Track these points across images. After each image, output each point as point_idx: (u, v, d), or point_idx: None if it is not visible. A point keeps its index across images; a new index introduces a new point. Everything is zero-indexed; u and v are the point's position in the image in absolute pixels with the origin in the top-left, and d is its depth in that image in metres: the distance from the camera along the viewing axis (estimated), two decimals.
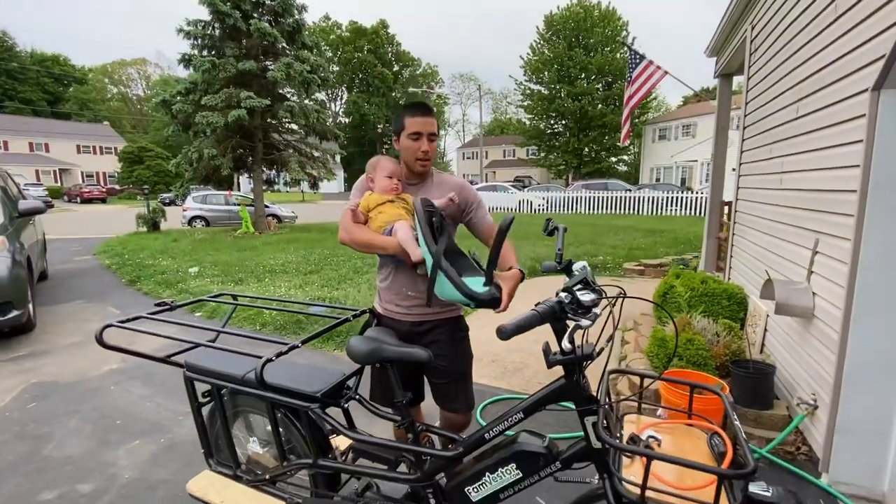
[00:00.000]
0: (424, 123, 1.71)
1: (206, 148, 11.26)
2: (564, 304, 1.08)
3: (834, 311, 2.22)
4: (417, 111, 1.72)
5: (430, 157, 1.75)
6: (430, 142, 1.72)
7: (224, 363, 1.69)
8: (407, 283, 1.75)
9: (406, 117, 1.72)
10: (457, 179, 1.89)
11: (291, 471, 1.66)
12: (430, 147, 1.73)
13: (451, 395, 1.83)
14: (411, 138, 1.71)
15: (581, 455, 1.25)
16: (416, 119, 1.70)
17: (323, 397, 1.53)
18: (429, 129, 1.71)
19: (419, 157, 1.73)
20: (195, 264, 7.72)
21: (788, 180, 3.03)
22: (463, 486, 1.39)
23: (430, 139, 1.72)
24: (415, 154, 1.73)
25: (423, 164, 1.76)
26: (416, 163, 1.75)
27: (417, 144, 1.71)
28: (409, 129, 1.71)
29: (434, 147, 1.76)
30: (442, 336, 1.78)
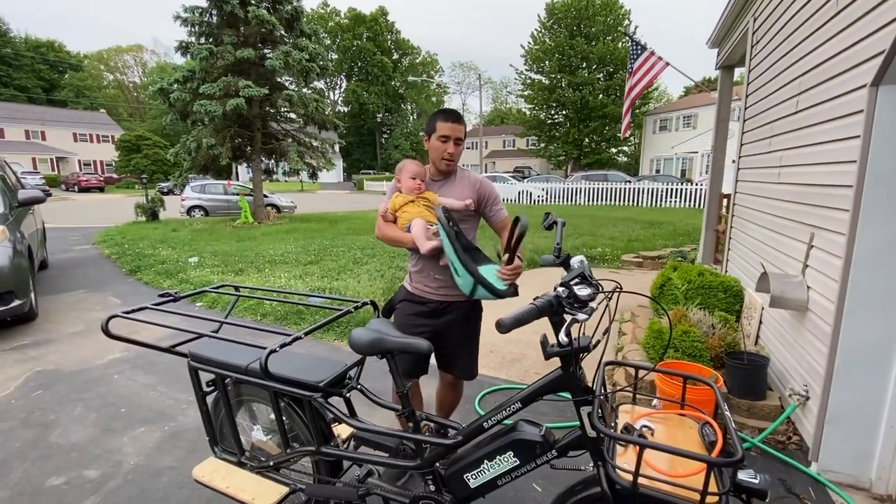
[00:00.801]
0: (453, 129, 1.92)
1: (204, 137, 11.20)
2: (562, 299, 1.11)
3: (827, 304, 2.26)
4: (449, 117, 1.94)
5: (454, 158, 1.97)
6: (456, 146, 1.94)
7: (228, 353, 1.72)
8: (435, 268, 1.99)
9: (438, 121, 1.94)
10: (476, 176, 2.07)
11: (295, 458, 1.70)
12: (456, 150, 1.95)
13: (452, 360, 2.09)
14: (440, 140, 1.93)
15: (576, 443, 1.29)
16: (447, 124, 1.92)
17: (325, 387, 1.56)
18: (456, 134, 1.93)
19: (445, 157, 1.95)
20: (195, 254, 7.74)
21: (786, 174, 3.05)
22: (462, 472, 1.43)
23: (456, 143, 1.94)
24: (441, 154, 1.95)
25: (447, 164, 1.98)
26: (442, 162, 1.97)
27: (445, 146, 1.93)
28: (439, 132, 1.93)
29: (459, 151, 1.98)
30: (460, 314, 2.04)
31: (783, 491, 2.16)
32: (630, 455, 1.18)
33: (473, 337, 2.11)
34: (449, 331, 2.03)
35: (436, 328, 2.01)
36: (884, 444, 2.09)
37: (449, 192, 2.01)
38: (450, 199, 1.99)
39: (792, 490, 2.16)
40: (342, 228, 11.31)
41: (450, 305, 2.02)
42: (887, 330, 2.02)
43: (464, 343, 2.08)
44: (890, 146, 1.94)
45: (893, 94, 1.93)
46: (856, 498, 2.11)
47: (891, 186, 1.95)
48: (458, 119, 1.95)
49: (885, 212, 1.97)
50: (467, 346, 2.09)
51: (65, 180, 31.97)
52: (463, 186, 2.02)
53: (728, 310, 3.65)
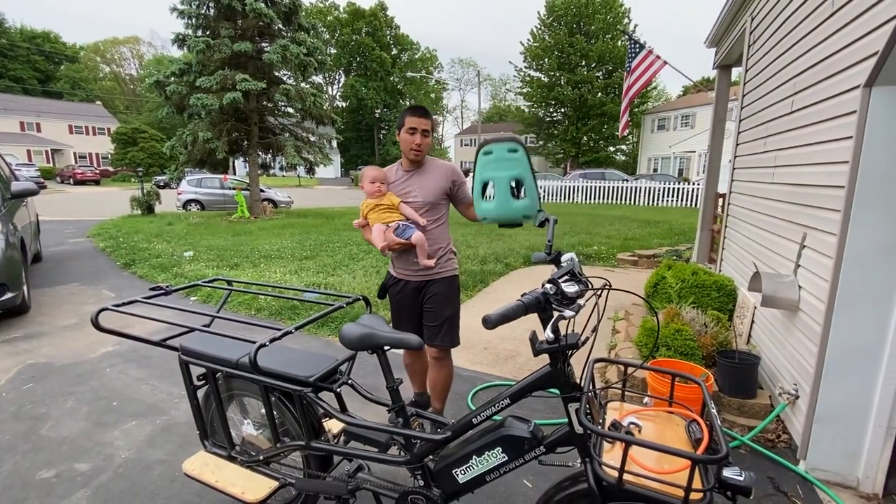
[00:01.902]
0: (419, 122, 2.12)
1: (200, 131, 11.14)
2: (549, 295, 1.11)
3: (818, 303, 2.27)
4: (416, 112, 2.14)
5: (422, 149, 2.18)
6: (423, 137, 2.14)
7: (219, 347, 1.72)
8: (413, 255, 2.23)
9: (406, 115, 2.14)
10: (447, 163, 2.30)
11: (285, 452, 1.70)
12: (423, 141, 2.15)
13: (436, 333, 2.28)
14: (408, 132, 2.13)
15: (564, 440, 1.29)
16: (414, 118, 2.12)
17: (316, 382, 1.56)
18: (423, 126, 2.13)
19: (413, 147, 2.16)
20: (190, 248, 7.71)
21: (780, 174, 3.06)
22: (451, 468, 1.44)
23: (423, 135, 2.14)
24: (410, 145, 2.16)
25: (416, 154, 2.19)
26: (411, 152, 2.18)
27: (412, 138, 2.14)
28: (407, 125, 2.13)
29: (427, 142, 2.17)
30: (439, 289, 2.29)
31: (771, 489, 2.17)
32: (617, 452, 1.18)
33: (452, 308, 2.32)
34: (431, 304, 2.28)
35: (421, 303, 2.31)
36: (871, 443, 2.11)
37: (420, 181, 2.22)
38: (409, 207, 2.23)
39: (780, 488, 2.18)
40: (338, 224, 11.29)
41: (429, 283, 2.27)
42: (876, 330, 2.04)
43: (444, 313, 2.28)
44: (882, 147, 1.95)
45: (887, 95, 1.93)
46: (843, 496, 2.13)
47: (882, 187, 1.96)
48: (425, 114, 2.16)
49: (876, 212, 1.98)
50: (448, 316, 2.30)
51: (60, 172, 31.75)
52: (436, 175, 2.23)
53: (721, 309, 3.67)
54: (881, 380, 2.06)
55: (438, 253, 2.27)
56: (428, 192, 2.21)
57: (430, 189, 2.21)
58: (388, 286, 2.39)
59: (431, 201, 2.21)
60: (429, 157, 2.28)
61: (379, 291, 2.42)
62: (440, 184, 2.22)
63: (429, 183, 2.22)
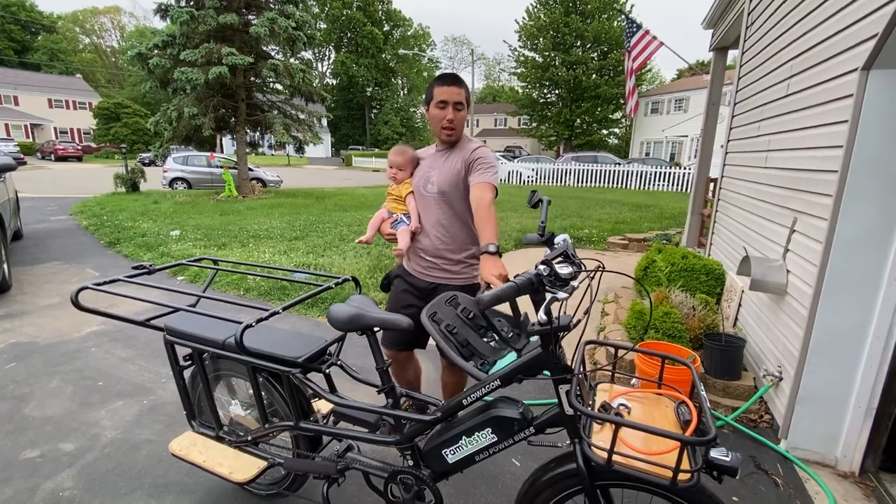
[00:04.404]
0: (451, 93, 1.78)
1: (185, 106, 10.83)
2: (542, 277, 1.09)
3: (805, 287, 2.29)
4: (446, 80, 1.80)
5: (455, 125, 1.83)
6: (456, 111, 1.80)
7: (205, 328, 1.69)
8: (424, 249, 1.95)
9: (435, 87, 1.81)
10: (474, 144, 1.90)
11: (273, 433, 1.70)
12: (457, 116, 1.81)
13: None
14: (438, 107, 1.80)
15: (554, 421, 1.29)
16: (445, 88, 1.78)
17: (304, 363, 1.54)
18: (455, 98, 1.79)
19: (445, 125, 1.82)
20: (177, 227, 7.57)
21: (773, 159, 3.05)
22: (440, 448, 1.44)
23: (455, 108, 1.80)
24: (441, 123, 1.82)
25: (448, 133, 1.84)
26: (442, 131, 1.85)
27: (443, 113, 1.80)
28: (437, 98, 1.80)
29: (462, 117, 1.83)
30: None
31: (753, 467, 2.23)
32: (606, 433, 1.19)
33: None
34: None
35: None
36: (851, 423, 2.16)
37: (443, 165, 1.89)
38: (413, 201, 1.96)
39: (761, 466, 2.24)
40: (329, 204, 11.16)
41: (438, 288, 1.93)
42: (861, 315, 2.06)
43: None
44: (876, 131, 1.94)
45: (884, 78, 1.92)
46: (820, 474, 2.19)
47: (874, 173, 1.96)
48: (457, 81, 1.80)
49: (867, 198, 1.99)
50: None
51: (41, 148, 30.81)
52: (456, 160, 1.86)
53: (709, 292, 3.71)
54: (863, 363, 2.10)
55: (449, 255, 1.91)
56: (443, 178, 1.87)
57: (446, 175, 1.86)
58: (394, 278, 2.10)
59: (445, 190, 1.86)
60: (467, 138, 1.93)
61: (382, 282, 2.16)
62: (457, 167, 1.84)
63: (448, 168, 1.86)
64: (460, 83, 1.81)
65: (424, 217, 1.95)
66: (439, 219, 1.91)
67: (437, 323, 1.42)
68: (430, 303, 1.50)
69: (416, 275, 2.00)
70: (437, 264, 1.94)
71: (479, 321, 1.51)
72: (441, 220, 1.91)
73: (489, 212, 1.68)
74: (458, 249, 1.93)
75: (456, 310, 1.52)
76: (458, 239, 1.92)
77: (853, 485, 2.15)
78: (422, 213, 1.95)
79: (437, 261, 1.93)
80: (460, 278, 1.94)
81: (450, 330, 1.41)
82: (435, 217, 1.91)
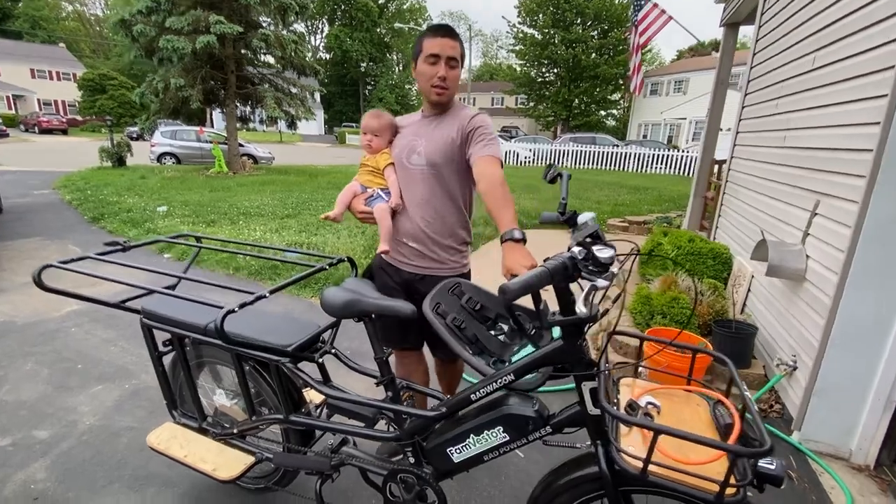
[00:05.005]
0: (444, 45, 1.53)
1: (172, 77, 10.37)
2: (577, 261, 0.94)
3: (829, 274, 2.17)
4: (438, 32, 1.55)
5: (448, 85, 1.56)
6: (449, 67, 1.54)
7: (186, 310, 1.53)
8: (407, 233, 1.67)
9: (425, 39, 1.55)
10: (470, 111, 1.63)
11: (261, 425, 1.56)
12: (450, 74, 1.55)
13: (435, 342, 1.78)
14: (428, 62, 1.54)
15: (574, 420, 1.16)
16: (436, 40, 1.53)
17: (294, 351, 1.40)
18: (448, 51, 1.53)
19: (436, 84, 1.55)
20: (164, 203, 7.31)
21: (793, 138, 2.89)
22: (445, 446, 1.31)
23: (449, 65, 1.54)
24: (430, 81, 1.55)
25: (439, 93, 1.57)
26: (432, 91, 1.57)
27: (434, 70, 1.54)
28: (426, 52, 1.54)
29: (455, 76, 1.57)
30: None
31: None
32: (635, 436, 1.06)
33: None
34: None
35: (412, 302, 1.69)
36: (869, 415, 2.07)
37: (432, 132, 1.62)
38: (394, 174, 1.66)
39: None
40: (322, 182, 10.88)
41: (424, 279, 1.67)
42: (887, 303, 1.95)
43: None
44: None
45: None
46: (833, 467, 2.11)
47: None
48: (451, 33, 1.55)
49: None
50: None
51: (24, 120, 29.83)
52: (451, 125, 1.59)
53: (716, 277, 3.60)
54: (886, 354, 1.99)
55: (436, 239, 1.65)
56: (432, 147, 1.59)
57: (436, 144, 1.59)
58: (375, 270, 1.81)
59: (435, 162, 1.59)
60: (460, 104, 1.67)
61: (364, 275, 1.88)
62: (450, 136, 1.58)
63: (439, 136, 1.60)
64: (454, 35, 1.56)
65: (407, 194, 1.65)
66: (426, 196, 1.62)
67: (442, 316, 1.26)
68: (431, 293, 1.34)
69: (396, 264, 1.72)
70: (421, 251, 1.66)
71: (486, 312, 1.36)
72: (428, 197, 1.62)
73: (504, 191, 1.43)
74: (447, 233, 1.66)
75: (461, 300, 1.37)
76: (448, 221, 1.65)
77: (868, 478, 2.07)
78: (403, 189, 1.65)
79: (422, 247, 1.65)
80: (448, 267, 1.68)
81: (457, 324, 1.26)
82: (420, 194, 1.62)
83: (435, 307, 1.27)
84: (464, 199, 1.69)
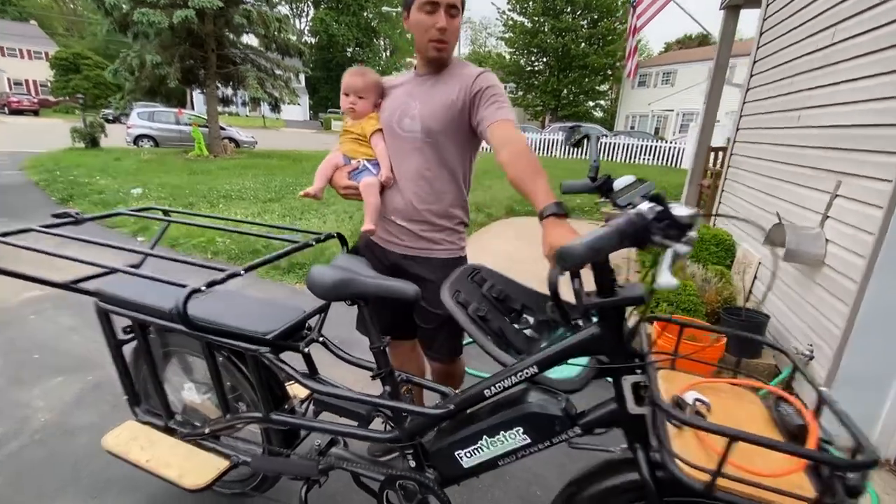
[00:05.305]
0: None
1: (148, 53, 9.86)
2: (650, 221, 0.74)
3: (854, 259, 2.03)
4: None
5: (447, 38, 1.33)
6: (450, 17, 1.30)
7: (150, 293, 1.31)
8: (393, 209, 1.45)
9: None
10: (474, 69, 1.38)
11: (238, 424, 1.36)
12: (450, 24, 1.31)
13: (430, 340, 1.55)
14: (424, 10, 1.29)
15: (608, 420, 0.99)
16: None
17: (276, 339, 1.19)
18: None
19: (433, 37, 1.31)
20: (139, 185, 6.93)
21: (809, 117, 2.75)
22: (454, 448, 1.13)
23: (449, 13, 1.30)
24: (427, 32, 1.31)
25: (438, 48, 1.33)
26: (429, 46, 1.33)
27: (432, 19, 1.29)
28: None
29: (456, 26, 1.34)
30: (431, 273, 1.43)
31: None
32: (688, 439, 0.89)
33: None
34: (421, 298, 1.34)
35: None
36: (891, 407, 1.96)
37: (428, 93, 1.38)
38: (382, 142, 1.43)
39: None
40: (307, 167, 10.52)
41: (415, 262, 1.46)
42: None
43: (436, 316, 1.45)
44: None
45: None
46: None
47: None
48: None
49: None
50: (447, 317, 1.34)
51: None
52: (451, 85, 1.36)
53: (719, 263, 3.47)
54: None
55: (430, 218, 1.43)
56: (429, 110, 1.36)
57: (434, 106, 1.36)
58: (360, 251, 1.59)
59: (433, 128, 1.36)
60: (460, 61, 1.43)
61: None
62: (451, 97, 1.34)
63: (439, 98, 1.36)
64: None
65: (397, 165, 1.43)
66: (420, 168, 1.40)
67: (463, 306, 1.06)
68: (449, 278, 1.13)
69: (383, 244, 1.50)
70: (412, 230, 1.44)
71: (510, 303, 1.17)
72: (422, 169, 1.40)
73: (533, 159, 1.21)
74: (443, 212, 1.44)
75: (481, 288, 1.17)
76: (444, 197, 1.43)
77: (889, 473, 1.96)
78: (393, 159, 1.44)
79: (413, 226, 1.44)
80: (442, 249, 1.46)
81: (481, 315, 1.06)
82: (414, 166, 1.40)
83: (455, 295, 1.08)
84: (463, 172, 1.46)
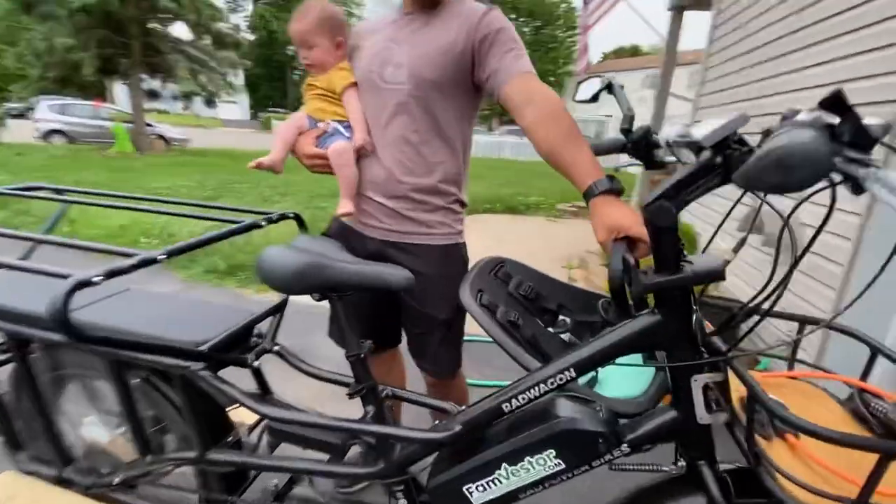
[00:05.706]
0: None
1: (58, 36, 8.76)
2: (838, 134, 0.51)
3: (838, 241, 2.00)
4: None
5: None
6: None
7: (36, 295, 0.93)
8: (373, 185, 1.13)
9: None
10: (479, 7, 1.06)
11: (163, 468, 1.01)
12: None
13: (421, 348, 1.24)
14: None
15: (669, 433, 0.77)
16: None
17: (212, 352, 0.87)
18: None
19: None
20: (48, 183, 6.04)
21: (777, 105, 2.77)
22: (461, 482, 0.86)
23: None
24: None
25: None
26: None
27: None
28: None
29: None
30: (424, 267, 1.11)
31: None
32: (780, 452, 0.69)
33: (449, 304, 1.15)
34: (409, 293, 1.14)
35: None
36: None
37: (417, 38, 1.08)
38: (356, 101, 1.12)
39: None
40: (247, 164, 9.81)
41: (402, 251, 1.14)
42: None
43: (433, 311, 1.16)
44: None
45: None
46: None
47: None
48: None
49: None
50: (442, 320, 1.17)
51: None
52: (446, 28, 1.05)
53: None
54: None
55: (416, 195, 1.12)
56: (419, 55, 1.06)
57: (425, 50, 1.05)
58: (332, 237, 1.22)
59: (424, 77, 1.05)
60: None
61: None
62: (446, 39, 1.04)
63: (430, 40, 1.06)
64: None
65: (376, 127, 1.12)
66: (404, 131, 1.08)
67: (489, 310, 0.81)
68: (468, 275, 0.88)
69: (360, 228, 1.18)
70: (394, 209, 1.13)
71: (542, 302, 0.93)
72: (407, 132, 1.08)
73: (571, 122, 0.97)
74: (432, 187, 1.13)
75: (507, 285, 0.92)
76: (435, 169, 1.12)
77: None
78: (372, 119, 1.12)
79: (395, 203, 1.12)
80: (437, 233, 1.15)
81: (512, 320, 0.82)
82: (397, 127, 1.09)
83: (478, 296, 0.82)
84: (463, 140, 1.17)
